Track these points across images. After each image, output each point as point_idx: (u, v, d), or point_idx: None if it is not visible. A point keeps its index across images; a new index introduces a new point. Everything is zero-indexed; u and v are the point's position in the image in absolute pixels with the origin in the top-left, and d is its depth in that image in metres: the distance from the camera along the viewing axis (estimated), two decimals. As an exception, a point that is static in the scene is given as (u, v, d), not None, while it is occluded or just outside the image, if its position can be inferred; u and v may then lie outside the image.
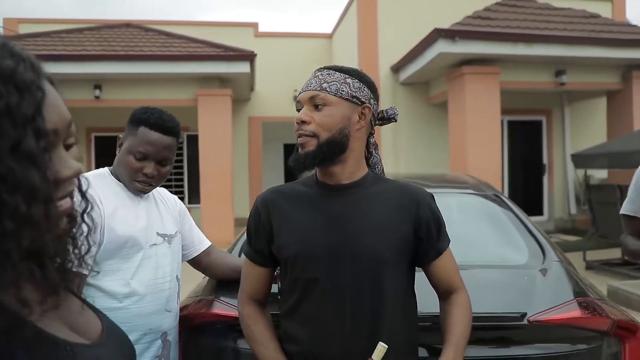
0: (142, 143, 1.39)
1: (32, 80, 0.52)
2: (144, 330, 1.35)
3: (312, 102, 1.14)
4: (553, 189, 9.64)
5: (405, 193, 1.22)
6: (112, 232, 1.32)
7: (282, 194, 1.23)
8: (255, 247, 1.22)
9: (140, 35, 10.04)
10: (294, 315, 1.15)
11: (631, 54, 7.49)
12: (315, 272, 1.12)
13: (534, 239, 1.87)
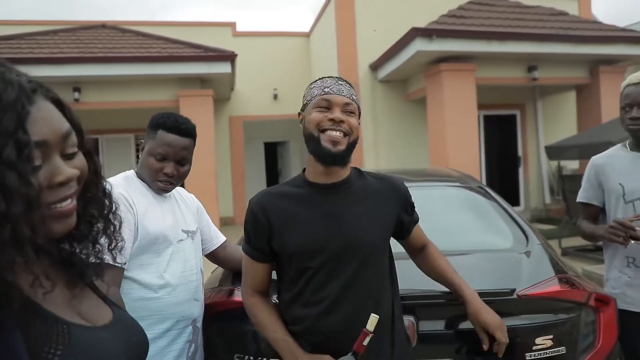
0: (161, 145, 1.52)
1: (15, 100, 0.60)
2: (177, 318, 1.49)
3: (344, 108, 1.28)
4: (528, 180, 10.00)
5: (385, 184, 1.41)
6: (145, 230, 1.45)
7: (275, 195, 1.36)
8: (255, 246, 1.34)
9: (117, 36, 9.97)
10: (300, 300, 1.29)
11: (597, 50, 7.85)
12: (318, 262, 1.26)
13: (517, 225, 2.07)
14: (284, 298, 1.35)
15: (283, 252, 1.30)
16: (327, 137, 1.25)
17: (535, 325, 1.50)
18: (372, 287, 1.29)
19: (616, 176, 1.93)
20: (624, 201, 1.88)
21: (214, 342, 1.63)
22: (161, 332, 1.46)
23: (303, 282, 1.28)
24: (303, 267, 1.27)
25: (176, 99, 9.00)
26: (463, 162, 7.05)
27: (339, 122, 1.25)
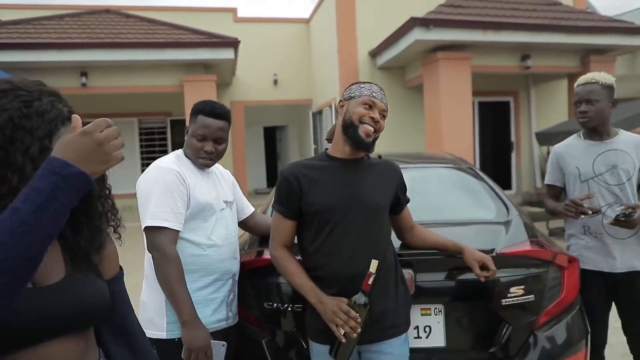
0: (200, 127, 1.83)
1: (52, 119, 0.91)
2: (221, 272, 1.82)
3: (381, 112, 1.64)
4: (520, 165, 10.36)
5: (387, 166, 1.79)
6: (196, 200, 1.77)
7: (303, 166, 1.70)
8: (287, 205, 1.66)
9: (122, 21, 10.14)
10: (322, 250, 1.62)
11: (589, 40, 8.15)
12: (338, 218, 1.60)
13: (500, 200, 2.41)
14: (308, 250, 1.67)
15: (309, 210, 1.63)
16: (363, 129, 1.59)
17: (510, 277, 1.86)
18: (379, 240, 1.64)
19: (573, 161, 2.32)
20: (579, 181, 2.29)
21: (247, 293, 1.97)
22: (209, 283, 1.80)
23: (324, 235, 1.61)
24: (325, 222, 1.61)
25: (181, 84, 9.24)
26: (458, 147, 7.38)
27: (376, 121, 1.61)
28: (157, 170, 1.78)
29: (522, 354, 1.85)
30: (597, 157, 2.26)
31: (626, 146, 2.24)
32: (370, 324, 1.56)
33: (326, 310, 1.52)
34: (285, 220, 1.68)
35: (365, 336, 1.57)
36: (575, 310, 1.99)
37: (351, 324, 1.47)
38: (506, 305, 1.83)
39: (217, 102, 1.94)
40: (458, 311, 1.86)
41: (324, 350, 1.60)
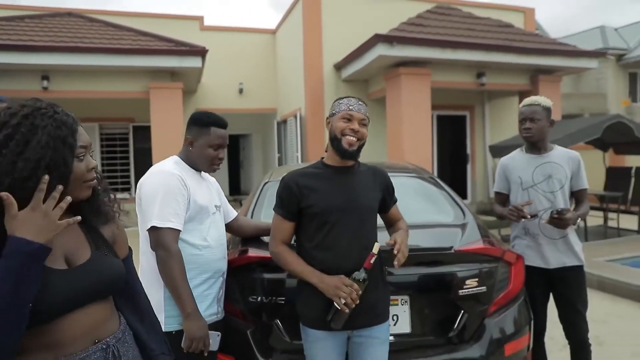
0: (216, 138, 2.04)
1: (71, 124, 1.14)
2: (214, 270, 2.00)
3: (361, 122, 1.84)
4: (475, 176, 10.93)
5: (375, 171, 2.01)
6: (195, 203, 1.95)
7: (302, 174, 1.91)
8: (287, 208, 1.87)
9: (86, 25, 10.02)
10: (321, 246, 1.82)
11: (537, 61, 8.79)
12: (334, 218, 1.81)
13: (458, 206, 2.71)
14: (306, 247, 1.86)
15: (309, 212, 1.83)
16: (346, 141, 1.81)
17: (466, 271, 2.14)
18: (370, 237, 1.85)
19: (516, 171, 2.69)
20: (521, 189, 2.66)
21: (232, 289, 2.15)
22: (203, 280, 1.96)
23: (323, 233, 1.82)
24: (323, 222, 1.82)
25: (147, 91, 9.23)
26: (417, 157, 7.78)
27: (356, 131, 1.82)
28: (161, 174, 1.94)
29: (476, 337, 2.13)
30: (535, 169, 2.63)
31: (560, 159, 2.62)
32: (363, 312, 1.78)
33: (329, 286, 1.73)
34: (285, 222, 1.89)
35: (358, 323, 1.79)
36: (520, 300, 2.29)
37: (353, 296, 1.68)
38: (462, 295, 2.11)
39: (214, 113, 2.12)
40: (421, 301, 2.12)
41: (320, 335, 1.81)
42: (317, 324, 1.81)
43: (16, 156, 1.07)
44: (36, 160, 1.08)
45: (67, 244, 1.19)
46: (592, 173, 10.10)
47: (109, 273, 1.23)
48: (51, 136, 1.11)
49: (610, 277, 5.03)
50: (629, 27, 21.81)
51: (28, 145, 1.08)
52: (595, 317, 4.18)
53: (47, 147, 1.09)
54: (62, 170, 1.12)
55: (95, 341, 1.18)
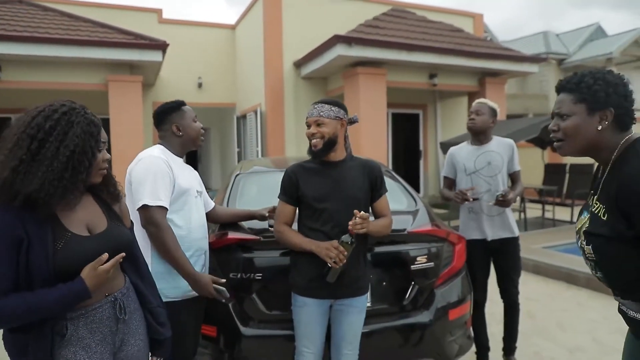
0: (191, 112, 2.35)
1: (98, 124, 1.45)
2: (196, 248, 2.22)
3: (315, 123, 2.12)
4: (427, 171, 11.52)
5: (365, 164, 2.27)
6: (179, 185, 2.18)
7: (301, 167, 2.20)
8: (289, 195, 2.17)
9: (39, 14, 9.76)
10: (313, 228, 2.10)
11: (484, 64, 9.42)
12: (326, 205, 2.10)
13: (410, 195, 3.08)
14: (306, 226, 2.15)
15: (305, 200, 2.13)
16: (311, 144, 2.13)
17: (417, 249, 2.50)
18: None
19: (461, 159, 3.12)
20: (465, 174, 3.09)
21: (215, 267, 2.41)
22: (188, 257, 2.19)
23: (315, 217, 2.12)
24: (315, 208, 2.12)
25: (105, 83, 9.14)
26: (374, 153, 8.20)
27: (313, 133, 2.12)
28: (150, 158, 2.15)
29: (425, 305, 2.51)
30: (477, 157, 3.08)
31: (497, 148, 3.08)
32: (346, 285, 2.10)
33: (321, 249, 2.02)
34: (287, 206, 2.19)
35: (342, 293, 2.11)
36: (462, 274, 2.69)
37: (340, 256, 1.98)
38: (414, 270, 2.48)
39: None
40: (379, 275, 2.46)
41: (307, 301, 2.11)
42: (306, 291, 2.12)
43: (59, 143, 1.33)
44: (73, 147, 1.35)
45: (88, 216, 1.47)
46: (532, 169, 10.97)
47: (121, 239, 1.52)
48: (83, 130, 1.38)
49: (544, 262, 5.62)
50: (570, 33, 23.33)
51: (67, 135, 1.35)
52: (530, 297, 4.72)
53: (80, 138, 1.37)
54: (89, 158, 1.39)
55: (106, 294, 1.45)
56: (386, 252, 2.47)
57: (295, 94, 10.27)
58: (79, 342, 1.39)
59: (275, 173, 3.39)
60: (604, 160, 1.43)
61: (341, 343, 2.17)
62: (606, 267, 1.36)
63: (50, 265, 1.30)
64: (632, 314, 1.39)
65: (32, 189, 1.28)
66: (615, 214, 1.30)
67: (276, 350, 2.35)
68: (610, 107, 1.39)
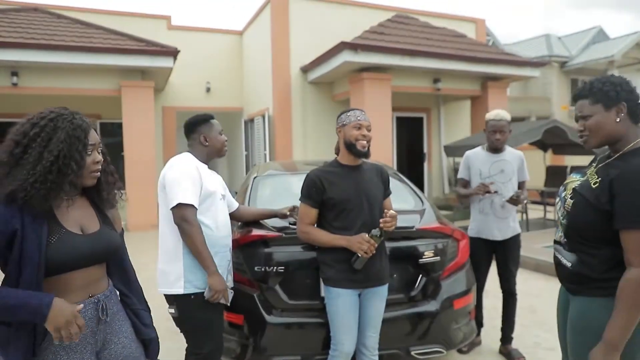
0: (218, 125, 2.56)
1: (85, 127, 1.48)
2: (223, 245, 2.44)
3: (367, 128, 2.35)
4: (431, 173, 11.75)
5: (377, 167, 2.53)
6: (206, 188, 2.40)
7: (324, 171, 2.39)
8: (314, 198, 2.34)
9: (54, 22, 10.05)
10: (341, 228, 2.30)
11: (486, 69, 9.66)
12: (351, 206, 2.31)
13: (417, 196, 3.33)
14: (332, 226, 2.32)
15: (331, 202, 2.32)
16: (360, 144, 2.32)
17: (425, 244, 2.74)
18: (377, 219, 2.32)
19: (477, 164, 3.39)
20: (480, 178, 3.36)
21: (241, 261, 2.65)
22: (214, 253, 2.38)
23: (342, 218, 2.32)
24: (342, 209, 2.32)
25: (118, 89, 9.42)
26: (379, 156, 8.42)
27: (365, 135, 2.34)
28: (182, 164, 2.38)
29: (432, 296, 2.74)
30: (492, 164, 3.37)
31: (510, 158, 3.38)
32: (372, 278, 2.33)
33: (353, 243, 2.23)
34: (312, 209, 2.38)
35: (369, 284, 2.34)
36: (466, 268, 2.93)
37: (371, 248, 2.21)
38: (422, 263, 2.72)
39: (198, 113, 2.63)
40: (390, 268, 2.69)
41: (341, 292, 2.31)
42: (339, 283, 2.32)
43: (43, 148, 1.41)
44: (57, 152, 1.41)
45: (82, 217, 1.54)
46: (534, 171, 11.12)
47: (111, 242, 1.59)
48: (68, 135, 1.44)
49: (545, 260, 5.83)
50: (571, 36, 23.53)
51: (50, 141, 1.42)
52: (531, 293, 4.94)
53: (65, 142, 1.43)
54: (77, 161, 1.45)
55: (89, 295, 1.51)
56: (397, 247, 2.71)
57: (303, 99, 10.52)
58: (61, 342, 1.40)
59: (287, 176, 3.67)
60: (617, 149, 1.70)
61: (367, 327, 2.40)
62: (573, 219, 1.70)
63: (43, 256, 1.37)
64: (564, 261, 1.77)
65: (11, 189, 1.36)
66: (605, 190, 1.59)
67: (298, 336, 2.59)
68: (623, 102, 1.66)
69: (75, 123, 1.47)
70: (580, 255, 1.69)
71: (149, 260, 5.14)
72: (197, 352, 2.38)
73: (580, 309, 1.71)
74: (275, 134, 10.58)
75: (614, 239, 1.59)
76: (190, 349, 2.41)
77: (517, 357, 3.33)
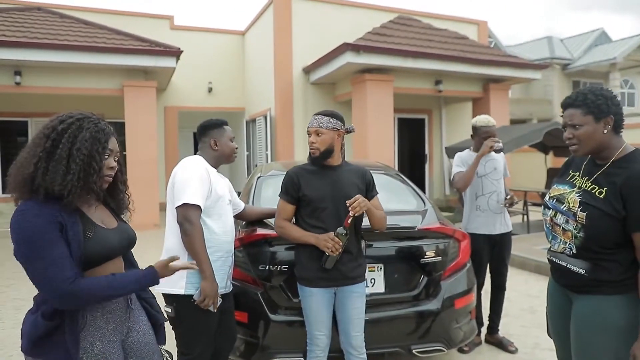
0: (230, 132, 2.57)
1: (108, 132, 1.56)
2: (226, 250, 2.46)
3: (315, 133, 2.39)
4: (433, 175, 11.78)
5: (358, 170, 2.55)
6: (215, 192, 2.43)
7: (302, 169, 2.45)
8: (291, 195, 2.41)
9: (57, 22, 10.08)
10: (315, 225, 2.35)
11: (488, 71, 9.70)
12: (325, 205, 2.36)
13: (419, 196, 3.36)
14: (307, 222, 2.39)
15: (306, 199, 2.38)
16: (311, 151, 2.40)
17: (426, 244, 2.77)
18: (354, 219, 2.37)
19: (467, 163, 3.49)
20: (477, 176, 3.49)
21: (245, 260, 2.69)
22: (218, 257, 2.41)
23: (316, 215, 2.37)
24: (315, 207, 2.37)
25: (121, 89, 9.45)
26: (381, 157, 8.47)
27: (312, 142, 2.40)
28: (193, 165, 2.40)
29: (434, 295, 2.78)
30: (486, 163, 3.52)
31: (497, 157, 3.58)
32: (345, 274, 2.36)
33: (320, 241, 2.30)
34: (288, 205, 2.44)
35: (343, 282, 2.37)
36: (466, 268, 2.96)
37: (335, 246, 2.26)
38: (423, 263, 2.75)
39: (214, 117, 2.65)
40: (392, 268, 2.73)
41: (314, 291, 2.36)
42: (312, 283, 2.37)
43: (71, 144, 1.48)
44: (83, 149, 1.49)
45: (102, 216, 1.63)
46: (535, 173, 11.20)
47: (132, 235, 1.70)
48: (91, 135, 1.52)
49: (545, 262, 5.85)
50: (574, 38, 23.55)
51: (76, 138, 1.50)
52: (531, 293, 4.97)
53: (88, 142, 1.51)
54: (97, 161, 1.52)
55: None
56: (399, 247, 2.74)
57: (305, 99, 10.56)
58: (96, 332, 1.51)
59: None
60: (604, 157, 1.82)
61: (349, 327, 2.42)
62: (591, 231, 1.74)
63: (82, 252, 1.45)
64: (575, 269, 1.82)
65: (56, 185, 1.43)
66: (617, 197, 1.70)
67: (301, 334, 2.62)
68: (611, 115, 1.78)
69: (99, 126, 1.56)
70: (596, 262, 1.76)
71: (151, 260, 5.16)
72: (187, 352, 2.37)
73: (594, 307, 1.77)
74: (276, 134, 10.62)
75: (627, 241, 1.70)
76: (181, 349, 2.41)
77: (508, 345, 3.56)
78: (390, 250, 2.75)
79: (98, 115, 1.62)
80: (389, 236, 2.72)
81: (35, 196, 1.44)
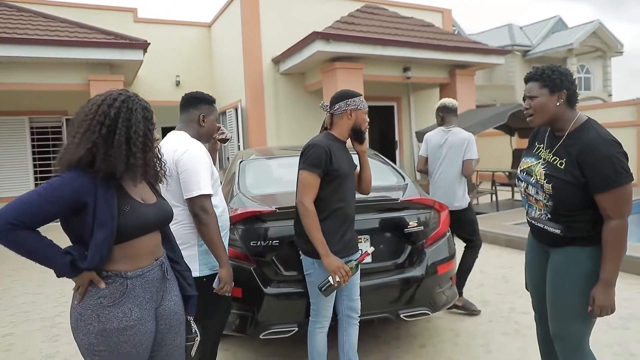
0: (217, 113, 2.55)
1: (151, 109, 1.65)
2: (226, 227, 2.50)
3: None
4: (403, 160, 12.03)
5: None
6: (214, 172, 2.47)
7: (328, 143, 2.37)
8: (322, 168, 2.30)
9: (14, 15, 9.70)
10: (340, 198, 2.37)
11: (454, 57, 9.96)
12: (348, 180, 2.42)
13: (398, 173, 3.51)
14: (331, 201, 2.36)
15: (335, 174, 2.34)
16: (365, 128, 2.47)
17: (409, 215, 2.91)
18: None
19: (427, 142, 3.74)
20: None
21: (237, 237, 2.75)
22: (223, 235, 2.42)
23: (343, 187, 2.39)
24: (343, 179, 2.38)
25: (87, 83, 9.21)
26: (354, 144, 8.59)
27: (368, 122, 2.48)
28: (197, 149, 2.32)
29: (418, 262, 2.93)
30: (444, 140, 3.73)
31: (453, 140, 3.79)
32: (354, 243, 2.48)
33: (331, 264, 2.26)
34: (318, 179, 2.33)
35: (353, 251, 2.47)
36: (446, 236, 3.12)
37: (345, 277, 2.27)
38: (407, 233, 2.89)
39: None
40: (378, 238, 2.86)
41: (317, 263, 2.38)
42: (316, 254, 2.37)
43: (127, 128, 1.55)
44: (139, 131, 1.58)
45: (142, 192, 1.69)
46: (501, 154, 11.59)
47: (168, 211, 1.77)
48: (142, 115, 1.61)
49: (516, 236, 6.15)
50: (533, 25, 24.32)
51: (130, 121, 1.56)
52: (504, 265, 5.23)
53: (141, 121, 1.60)
54: (150, 138, 1.62)
55: (155, 259, 1.69)
56: (384, 218, 2.87)
57: (275, 90, 10.58)
58: (135, 299, 1.59)
59: (266, 160, 3.83)
60: (560, 128, 1.99)
61: (351, 292, 2.54)
62: (558, 200, 1.93)
63: (115, 223, 1.51)
64: (551, 230, 1.99)
65: (121, 170, 1.53)
66: (575, 166, 1.87)
67: (294, 306, 2.72)
68: (564, 89, 1.95)
69: (143, 105, 1.62)
70: (569, 224, 1.94)
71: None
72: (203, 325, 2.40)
73: (569, 256, 1.97)
74: (248, 125, 10.62)
75: (592, 202, 1.88)
76: None
77: (471, 307, 3.81)
78: (375, 222, 2.87)
79: (133, 92, 1.65)
80: (373, 208, 2.85)
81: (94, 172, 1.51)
